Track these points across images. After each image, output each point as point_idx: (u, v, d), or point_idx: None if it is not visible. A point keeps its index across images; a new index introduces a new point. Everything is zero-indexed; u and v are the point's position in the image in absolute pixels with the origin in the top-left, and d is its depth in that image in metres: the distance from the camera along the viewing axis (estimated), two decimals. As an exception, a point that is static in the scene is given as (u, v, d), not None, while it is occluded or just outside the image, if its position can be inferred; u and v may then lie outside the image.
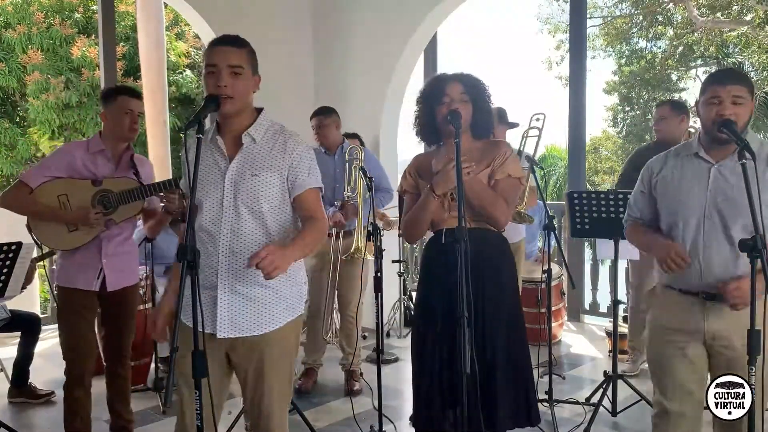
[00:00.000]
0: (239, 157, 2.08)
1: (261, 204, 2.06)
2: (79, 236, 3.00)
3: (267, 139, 2.12)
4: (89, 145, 3.07)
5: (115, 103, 3.03)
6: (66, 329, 3.08)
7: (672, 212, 2.31)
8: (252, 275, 2.04)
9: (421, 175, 2.56)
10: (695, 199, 2.24)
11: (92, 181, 3.00)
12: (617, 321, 3.68)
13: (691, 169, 2.28)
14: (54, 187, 2.98)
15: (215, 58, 2.02)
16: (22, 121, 13.35)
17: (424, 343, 2.51)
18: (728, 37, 16.09)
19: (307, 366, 4.16)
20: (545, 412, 3.63)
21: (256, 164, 2.08)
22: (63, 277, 3.08)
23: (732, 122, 2.14)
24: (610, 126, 19.73)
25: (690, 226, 2.25)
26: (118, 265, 3.11)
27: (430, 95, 2.50)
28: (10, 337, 4.81)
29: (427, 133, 2.58)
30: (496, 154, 2.49)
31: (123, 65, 12.09)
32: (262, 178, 2.06)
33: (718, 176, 2.23)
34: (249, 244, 2.06)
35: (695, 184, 2.26)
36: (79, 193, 2.98)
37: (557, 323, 5.05)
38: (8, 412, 3.90)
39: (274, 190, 2.08)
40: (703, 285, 2.23)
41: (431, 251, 2.59)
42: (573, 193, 3.64)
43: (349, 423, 3.59)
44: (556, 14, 18.41)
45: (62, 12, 12.73)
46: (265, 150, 2.10)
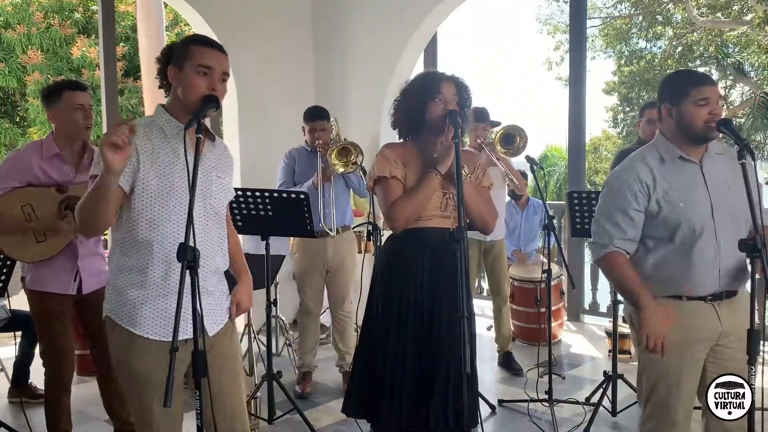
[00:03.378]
0: (208, 157, 2.09)
1: (221, 205, 2.15)
2: (48, 246, 2.86)
3: (218, 143, 2.17)
4: (42, 149, 2.88)
5: (62, 100, 2.84)
6: (46, 335, 2.99)
7: (675, 221, 2.19)
8: (212, 275, 2.11)
9: (406, 164, 2.50)
10: (703, 202, 2.20)
11: (56, 189, 2.85)
12: (617, 321, 3.68)
13: (685, 174, 2.23)
14: (16, 197, 2.81)
15: (212, 61, 1.99)
16: (22, 121, 13.35)
17: (387, 337, 2.48)
18: (728, 37, 16.10)
19: (303, 370, 4.15)
20: (545, 412, 3.64)
21: (219, 166, 2.14)
22: (35, 281, 2.94)
23: (731, 121, 2.17)
24: (610, 126, 19.77)
25: (700, 231, 2.18)
26: (94, 267, 3.00)
27: (422, 89, 2.47)
28: (10, 337, 4.80)
29: (409, 124, 2.53)
30: (476, 163, 2.62)
31: (123, 65, 12.09)
32: (224, 181, 2.15)
33: (710, 171, 2.23)
34: (213, 245, 2.11)
35: (697, 189, 2.21)
36: (44, 202, 2.81)
37: (557, 323, 5.05)
38: (8, 412, 3.90)
39: (228, 194, 2.19)
40: (718, 287, 2.20)
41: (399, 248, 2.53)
42: (573, 193, 3.65)
43: (349, 423, 3.59)
44: (556, 15, 18.46)
45: (62, 12, 12.74)
46: (220, 154, 2.17)
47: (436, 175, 2.40)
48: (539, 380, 3.81)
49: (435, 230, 2.46)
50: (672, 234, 2.21)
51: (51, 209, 2.83)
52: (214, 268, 2.12)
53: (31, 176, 2.84)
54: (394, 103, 2.60)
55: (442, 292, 2.44)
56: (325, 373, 4.37)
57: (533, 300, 4.72)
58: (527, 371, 4.21)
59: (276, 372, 3.61)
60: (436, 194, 2.45)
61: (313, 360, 4.18)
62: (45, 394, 3.07)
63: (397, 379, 2.45)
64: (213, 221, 2.11)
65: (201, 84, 1.96)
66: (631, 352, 4.62)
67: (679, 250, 2.20)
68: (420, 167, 2.48)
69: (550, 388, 3.70)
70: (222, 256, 2.17)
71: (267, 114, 5.43)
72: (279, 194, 3.53)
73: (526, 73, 45.87)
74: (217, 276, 2.16)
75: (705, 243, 2.18)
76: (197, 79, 1.96)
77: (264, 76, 5.45)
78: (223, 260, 2.17)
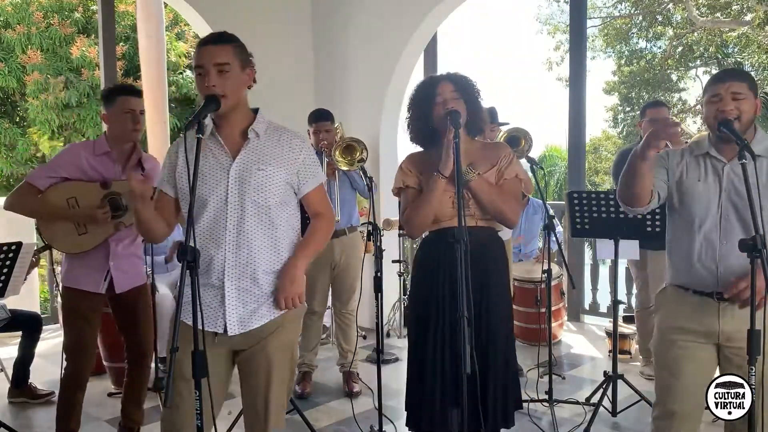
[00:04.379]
0: (244, 152, 2.09)
1: (267, 198, 2.08)
2: (88, 239, 2.98)
3: (269, 135, 2.14)
4: (95, 146, 3.04)
5: (115, 104, 2.99)
6: (71, 331, 3.08)
7: (688, 212, 2.28)
8: (254, 270, 2.08)
9: (422, 172, 2.55)
10: (711, 199, 2.23)
11: (101, 184, 2.98)
12: (617, 321, 3.68)
13: (705, 169, 2.27)
14: (63, 190, 2.96)
15: (202, 59, 2.02)
16: (21, 121, 13.35)
17: (425, 343, 2.50)
18: (728, 37, 16.09)
19: (303, 370, 4.15)
20: (545, 412, 3.64)
21: (262, 159, 2.09)
22: (69, 278, 3.07)
23: (731, 121, 2.14)
24: (610, 126, 19.76)
25: (706, 225, 2.23)
26: (126, 266, 3.10)
27: (422, 99, 2.50)
28: (10, 337, 4.81)
29: (423, 136, 2.57)
30: (501, 155, 2.54)
31: (123, 65, 12.08)
32: (268, 173, 2.08)
33: (732, 175, 2.22)
34: (253, 239, 2.08)
35: (710, 184, 2.25)
36: (88, 196, 2.95)
37: (557, 323, 5.05)
38: (8, 412, 3.90)
39: (280, 185, 2.11)
40: (719, 285, 2.22)
41: (431, 250, 2.57)
42: (573, 193, 3.65)
43: (349, 423, 3.59)
44: (556, 15, 18.43)
45: (62, 12, 12.73)
46: (269, 145, 2.12)
47: (440, 177, 2.40)
48: (539, 380, 3.82)
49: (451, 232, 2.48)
50: (681, 221, 2.30)
51: (93, 202, 2.95)
52: (252, 267, 2.08)
53: (79, 171, 2.98)
54: (406, 120, 2.62)
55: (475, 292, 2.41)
56: (325, 373, 4.38)
57: (533, 300, 4.72)
58: (527, 371, 4.20)
59: (276, 372, 3.61)
60: (447, 195, 2.45)
61: (314, 359, 4.20)
62: (61, 389, 3.12)
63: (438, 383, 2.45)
64: (252, 215, 2.07)
65: (200, 86, 2.03)
66: (631, 352, 4.63)
67: (685, 240, 2.29)
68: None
69: (550, 388, 3.70)
70: (268, 252, 2.11)
71: (267, 114, 5.38)
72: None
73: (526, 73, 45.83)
74: (262, 275, 2.10)
75: (705, 238, 2.22)
76: (198, 80, 2.04)
77: (264, 76, 5.39)
78: (268, 256, 2.11)
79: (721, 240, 2.20)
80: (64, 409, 3.10)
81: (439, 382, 2.45)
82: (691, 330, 2.29)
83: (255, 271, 2.09)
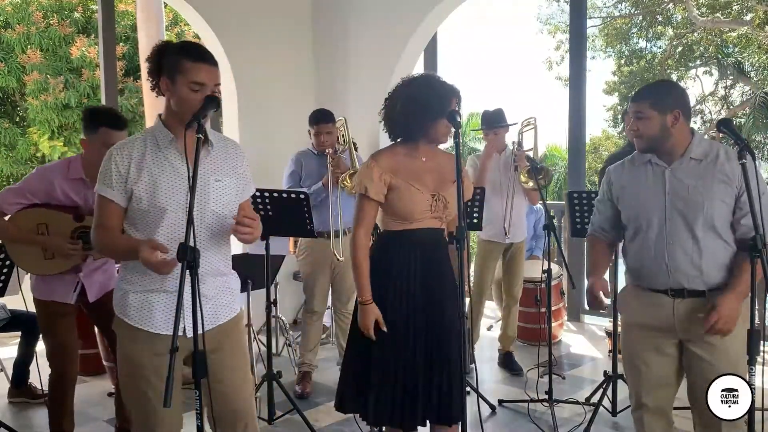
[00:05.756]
0: (203, 163, 2.07)
1: (224, 207, 2.13)
2: (55, 264, 2.92)
3: (220, 145, 2.18)
4: (69, 170, 2.92)
5: (97, 134, 2.85)
6: (49, 338, 3.05)
7: (635, 218, 2.42)
8: (210, 276, 2.11)
9: (396, 172, 2.48)
10: (655, 203, 2.35)
11: (74, 216, 2.89)
12: (617, 321, 3.68)
13: (647, 175, 2.39)
14: (34, 214, 2.88)
15: (204, 77, 2.01)
16: (21, 121, 13.36)
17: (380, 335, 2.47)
18: (728, 37, 16.10)
19: (303, 370, 4.15)
20: (545, 412, 3.64)
21: (218, 170, 2.13)
22: (39, 290, 3.02)
23: (731, 120, 2.22)
24: (610, 126, 19.75)
25: (653, 228, 2.35)
26: (96, 276, 3.06)
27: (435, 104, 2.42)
28: (10, 337, 4.81)
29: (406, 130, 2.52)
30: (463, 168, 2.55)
31: (123, 65, 12.09)
32: (224, 183, 2.13)
33: (673, 179, 2.33)
34: (213, 248, 2.12)
35: (653, 189, 2.36)
36: (59, 225, 2.88)
37: (557, 323, 5.05)
38: (8, 412, 3.90)
39: (234, 195, 2.17)
40: (670, 282, 2.33)
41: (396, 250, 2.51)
42: (573, 193, 3.65)
43: (349, 423, 3.59)
44: (556, 15, 18.43)
45: (61, 12, 12.74)
46: (221, 156, 2.16)
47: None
48: (539, 380, 3.81)
49: (425, 231, 2.49)
50: (630, 227, 2.45)
51: (64, 234, 2.87)
52: (213, 270, 2.13)
53: (51, 197, 2.88)
54: (393, 101, 2.55)
55: (434, 291, 2.47)
56: (325, 373, 4.38)
57: (533, 300, 4.72)
58: (527, 371, 4.21)
59: (276, 372, 3.61)
60: (424, 197, 2.45)
61: (314, 359, 4.20)
62: (49, 394, 3.10)
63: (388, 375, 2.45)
64: (213, 225, 2.11)
65: (194, 99, 2.00)
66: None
67: (635, 242, 2.42)
68: (410, 172, 2.48)
69: (550, 388, 3.70)
70: (223, 259, 2.18)
71: (267, 114, 5.42)
72: (279, 194, 3.53)
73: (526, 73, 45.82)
74: (218, 278, 2.17)
75: (652, 238, 2.35)
76: (190, 95, 2.00)
77: (264, 76, 5.44)
78: (223, 262, 2.19)
79: (667, 239, 2.31)
80: (56, 413, 3.09)
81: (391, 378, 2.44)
82: (650, 326, 2.40)
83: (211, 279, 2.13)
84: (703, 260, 2.27)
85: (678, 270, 2.30)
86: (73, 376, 3.11)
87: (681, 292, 2.32)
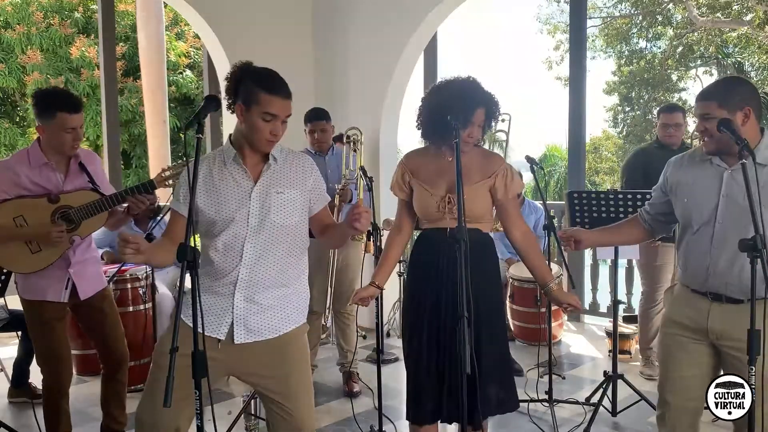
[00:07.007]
0: (264, 177, 2.19)
1: (285, 218, 2.19)
2: (44, 256, 2.83)
3: (283, 159, 2.25)
4: (30, 158, 2.83)
5: (54, 120, 2.75)
6: (39, 341, 2.98)
7: (686, 215, 2.34)
8: (268, 287, 2.19)
9: (415, 173, 2.55)
10: (707, 204, 2.26)
11: (48, 198, 2.80)
12: (617, 321, 3.68)
13: (705, 174, 2.30)
14: (6, 209, 2.78)
15: (277, 110, 2.11)
16: (21, 121, 13.37)
17: (419, 340, 2.52)
18: (728, 37, 16.10)
19: None
20: (545, 412, 3.64)
21: (280, 183, 2.21)
22: (27, 290, 2.94)
23: (731, 121, 2.15)
24: (610, 126, 19.80)
25: (701, 229, 2.27)
26: (86, 272, 2.99)
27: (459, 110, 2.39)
28: (10, 337, 4.81)
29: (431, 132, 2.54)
30: (497, 170, 2.53)
31: (123, 65, 12.10)
32: (287, 195, 2.20)
33: (731, 181, 2.23)
34: (271, 258, 2.18)
35: (708, 189, 2.27)
36: (36, 213, 2.78)
37: (557, 323, 5.05)
38: (8, 412, 3.90)
39: (297, 207, 2.22)
40: (708, 285, 2.27)
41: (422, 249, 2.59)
42: (573, 193, 3.65)
43: (349, 423, 3.59)
44: (556, 14, 18.44)
45: (61, 12, 12.75)
46: (285, 170, 2.23)
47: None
48: (539, 380, 3.82)
49: (438, 230, 2.52)
50: (681, 224, 2.39)
51: (43, 219, 2.80)
52: (269, 281, 2.19)
53: (20, 188, 2.81)
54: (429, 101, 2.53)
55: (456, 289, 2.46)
56: (325, 373, 4.38)
57: (533, 300, 4.72)
58: (527, 371, 4.20)
59: (276, 372, 3.61)
60: (433, 200, 2.48)
61: (314, 359, 4.20)
62: (43, 398, 3.06)
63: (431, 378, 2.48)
64: (273, 237, 2.18)
65: (265, 128, 2.12)
66: (631, 352, 4.63)
67: (684, 240, 2.37)
68: (428, 173, 2.52)
69: (550, 388, 3.70)
70: (282, 271, 2.23)
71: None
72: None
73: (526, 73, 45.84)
74: (278, 290, 2.22)
75: (698, 239, 2.29)
76: (262, 124, 2.11)
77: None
78: (283, 274, 2.23)
79: (713, 243, 2.24)
80: (51, 418, 3.04)
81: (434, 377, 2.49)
82: (684, 325, 2.37)
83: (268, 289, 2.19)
84: (745, 271, 2.13)
85: (718, 275, 2.24)
86: (65, 382, 3.03)
87: (719, 297, 2.25)
